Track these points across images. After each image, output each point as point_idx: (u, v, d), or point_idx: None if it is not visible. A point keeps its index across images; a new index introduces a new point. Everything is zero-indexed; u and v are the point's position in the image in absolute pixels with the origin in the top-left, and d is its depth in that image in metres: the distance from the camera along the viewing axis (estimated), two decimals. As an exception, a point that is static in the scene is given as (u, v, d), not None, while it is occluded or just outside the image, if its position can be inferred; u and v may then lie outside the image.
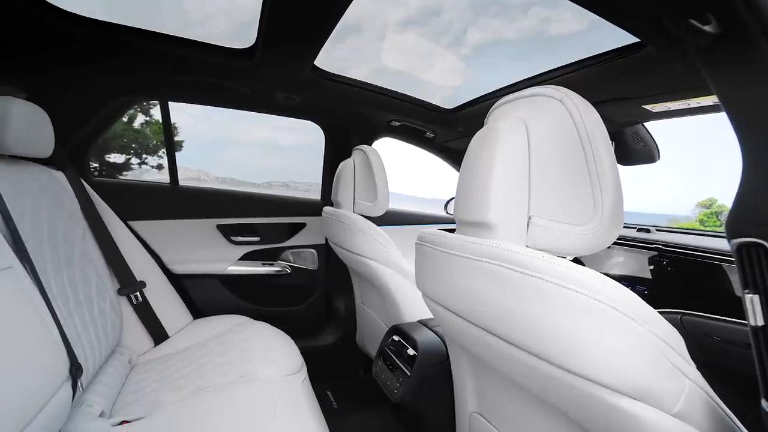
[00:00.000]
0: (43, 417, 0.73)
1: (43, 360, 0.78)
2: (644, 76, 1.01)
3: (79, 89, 1.37)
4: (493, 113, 0.66)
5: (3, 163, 0.95)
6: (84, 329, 1.01)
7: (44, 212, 1.03)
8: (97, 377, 1.05)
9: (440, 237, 0.64)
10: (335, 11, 0.93)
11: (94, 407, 0.95)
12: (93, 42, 1.12)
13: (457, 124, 1.70)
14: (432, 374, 0.99)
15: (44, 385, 0.76)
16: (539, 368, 0.48)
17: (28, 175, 1.03)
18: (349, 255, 1.37)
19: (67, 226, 1.13)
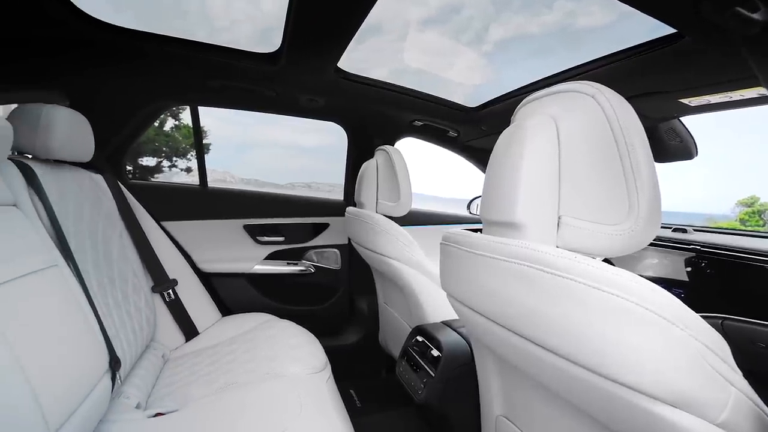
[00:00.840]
0: (85, 407, 0.77)
1: (86, 353, 0.83)
2: (681, 68, 0.96)
3: (116, 96, 1.44)
4: (520, 111, 0.64)
5: (48, 168, 1.01)
6: (122, 325, 1.06)
7: (85, 213, 1.09)
8: (133, 371, 1.10)
9: (466, 237, 0.63)
10: (358, 13, 0.94)
11: (131, 399, 1.00)
12: (129, 51, 1.17)
13: (481, 122, 1.68)
14: (457, 376, 0.98)
15: (87, 377, 0.81)
16: (570, 372, 0.46)
17: (71, 178, 1.10)
18: (372, 255, 1.38)
19: (106, 227, 1.19)
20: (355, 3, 0.90)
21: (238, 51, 1.22)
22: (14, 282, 0.69)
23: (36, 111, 1.00)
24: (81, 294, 0.88)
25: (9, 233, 0.74)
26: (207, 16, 1.57)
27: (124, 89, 1.43)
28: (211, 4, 1.54)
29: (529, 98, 0.62)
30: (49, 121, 0.99)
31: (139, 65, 1.27)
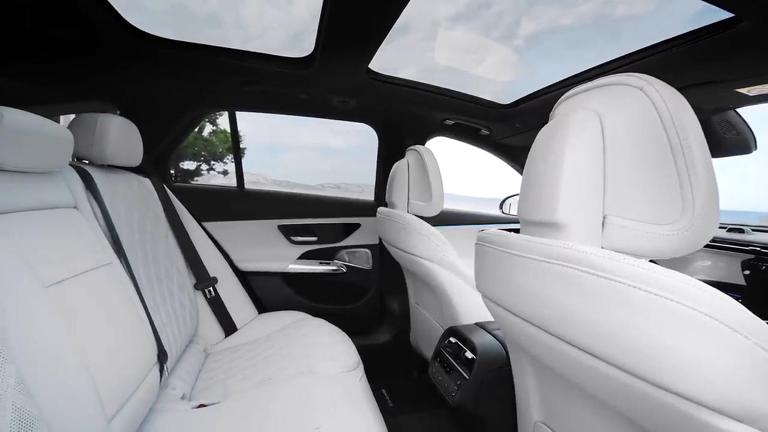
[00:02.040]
0: (137, 396, 0.83)
1: (138, 346, 0.88)
2: (739, 55, 0.89)
3: (161, 104, 1.53)
4: (560, 106, 0.62)
5: (103, 172, 1.08)
6: (168, 320, 1.12)
7: (135, 215, 1.16)
8: (178, 364, 1.17)
9: (503, 237, 0.62)
10: (390, 13, 0.94)
11: (177, 390, 1.05)
12: (172, 60, 1.24)
13: (514, 119, 1.63)
14: (492, 379, 0.96)
15: (139, 368, 0.86)
16: (618, 378, 0.44)
17: (123, 181, 1.17)
18: (403, 255, 1.37)
19: (153, 227, 1.27)
20: (387, 4, 0.90)
21: (273, 56, 1.26)
22: (76, 278, 0.75)
23: (92, 120, 1.08)
24: (133, 290, 0.94)
25: (70, 233, 0.81)
26: (240, 24, 1.62)
27: (168, 97, 1.51)
28: (244, 13, 1.60)
29: (570, 93, 0.60)
30: (103, 129, 1.07)
31: (182, 74, 1.34)
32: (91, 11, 0.92)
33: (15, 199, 0.69)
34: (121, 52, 1.16)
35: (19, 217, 0.69)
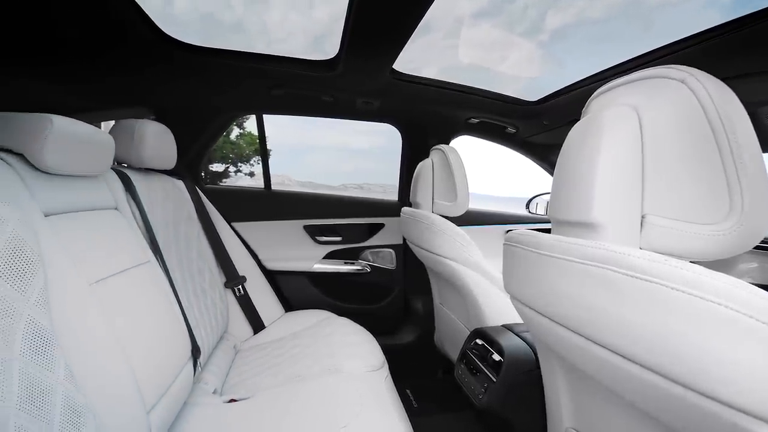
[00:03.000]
0: (174, 389, 0.86)
1: (174, 341, 0.92)
2: None
3: (193, 108, 1.59)
4: (594, 101, 0.60)
5: (141, 175, 1.14)
6: (201, 317, 1.17)
7: (170, 215, 1.22)
8: (210, 359, 1.21)
9: (533, 238, 0.60)
10: (415, 13, 0.94)
11: (209, 385, 1.09)
12: (204, 67, 1.28)
13: (542, 117, 1.59)
14: (520, 382, 0.94)
15: (174, 362, 0.90)
16: (659, 386, 0.42)
17: (158, 184, 1.23)
18: (428, 255, 1.37)
19: (187, 227, 1.32)
20: (412, 4, 0.90)
21: (299, 60, 1.29)
22: (118, 276, 0.79)
23: (130, 126, 1.13)
24: (169, 288, 0.98)
25: (112, 233, 0.85)
26: (265, 30, 1.66)
27: (199, 102, 1.57)
28: (267, 19, 1.64)
29: (604, 88, 0.58)
30: (141, 134, 1.12)
31: (212, 79, 1.38)
32: (129, 22, 0.97)
33: (63, 202, 0.74)
34: (156, 60, 1.21)
35: (66, 218, 0.73)
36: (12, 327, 0.53)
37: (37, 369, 0.55)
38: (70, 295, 0.64)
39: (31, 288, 0.58)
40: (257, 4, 1.57)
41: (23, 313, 0.56)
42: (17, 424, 0.51)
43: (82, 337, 0.64)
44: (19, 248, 0.58)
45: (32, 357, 0.55)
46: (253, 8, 1.58)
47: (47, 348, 0.57)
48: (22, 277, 0.57)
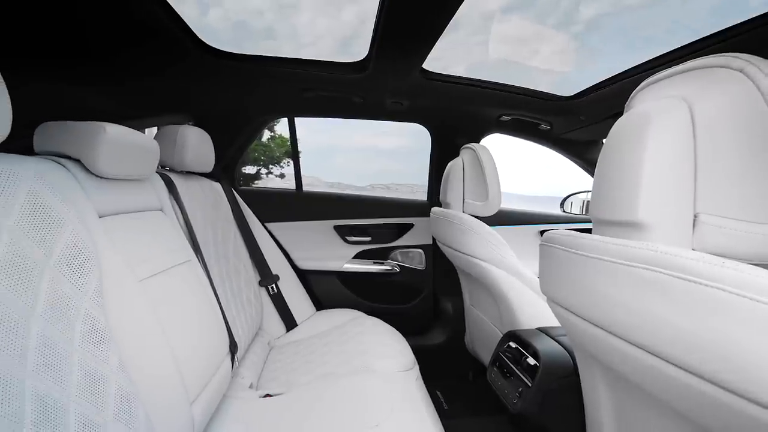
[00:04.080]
0: (214, 382, 0.90)
1: (214, 336, 0.96)
2: None
3: (229, 113, 1.65)
4: (639, 94, 0.57)
5: (182, 178, 1.20)
6: (237, 314, 1.21)
7: (209, 216, 1.27)
8: (246, 355, 1.25)
9: (573, 238, 0.58)
10: (446, 13, 0.93)
11: (246, 380, 1.13)
12: (238, 72, 1.33)
13: (579, 112, 1.52)
14: (557, 388, 0.91)
15: (215, 357, 0.94)
16: (715, 397, 0.39)
17: (198, 186, 1.29)
18: (459, 256, 1.35)
19: (224, 227, 1.37)
20: (442, 4, 0.89)
21: (330, 62, 1.31)
22: (163, 273, 0.84)
23: (173, 132, 1.19)
24: (208, 286, 1.03)
25: (157, 233, 0.90)
26: (294, 35, 1.70)
27: (235, 107, 1.63)
28: (296, 24, 1.68)
29: (651, 80, 0.55)
30: (183, 139, 1.18)
31: (247, 85, 1.43)
32: (172, 33, 1.02)
33: (114, 204, 0.79)
34: (196, 68, 1.27)
35: (117, 219, 0.78)
36: (71, 321, 0.58)
37: (94, 360, 0.59)
38: (121, 292, 0.69)
39: (88, 284, 0.62)
40: (286, 10, 1.61)
41: (81, 307, 0.60)
42: (77, 412, 0.55)
43: (132, 331, 0.69)
44: (78, 247, 0.62)
45: (89, 349, 0.59)
46: (282, 14, 1.62)
47: (102, 341, 0.61)
48: (80, 274, 0.61)
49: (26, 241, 0.54)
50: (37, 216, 0.57)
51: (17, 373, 0.48)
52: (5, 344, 0.48)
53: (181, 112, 1.59)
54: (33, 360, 0.50)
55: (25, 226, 0.54)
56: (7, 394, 0.46)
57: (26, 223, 0.55)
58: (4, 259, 0.50)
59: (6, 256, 0.51)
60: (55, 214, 0.60)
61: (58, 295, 0.57)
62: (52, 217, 0.59)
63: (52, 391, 0.52)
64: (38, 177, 0.59)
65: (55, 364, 0.53)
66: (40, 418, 0.49)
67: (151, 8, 0.91)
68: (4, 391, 0.46)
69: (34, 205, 0.57)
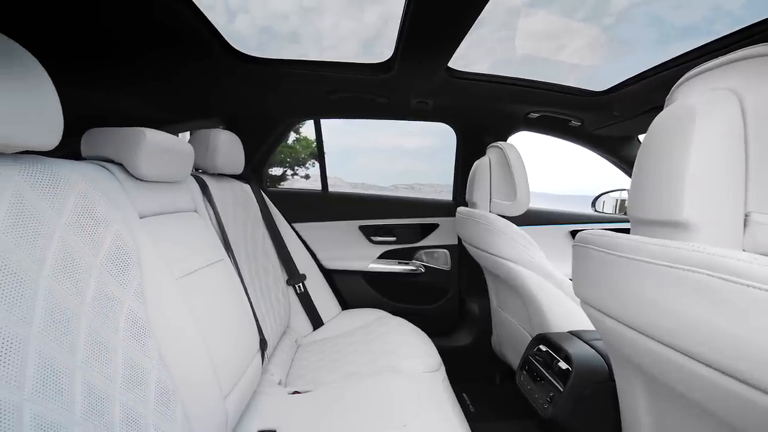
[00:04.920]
0: (245, 379, 0.93)
1: (245, 333, 0.99)
2: None
3: (257, 116, 1.70)
4: (682, 87, 0.54)
5: (214, 180, 1.24)
6: (267, 312, 1.24)
7: (239, 216, 1.31)
8: (275, 352, 1.28)
9: (610, 238, 0.56)
10: (471, 12, 0.91)
11: (275, 376, 1.16)
12: (266, 76, 1.36)
13: (612, 107, 1.46)
14: (590, 394, 0.88)
15: (246, 353, 0.97)
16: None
17: (229, 187, 1.33)
18: (486, 256, 1.33)
19: (253, 228, 1.41)
20: (469, 1, 0.88)
21: (355, 64, 1.32)
22: (198, 272, 0.87)
23: (205, 135, 1.24)
24: (239, 285, 1.06)
25: (192, 233, 0.94)
26: (317, 38, 1.72)
27: (263, 110, 1.68)
28: (319, 26, 1.70)
29: (695, 71, 0.52)
30: (215, 143, 1.22)
31: (274, 88, 1.46)
32: (205, 41, 1.06)
33: (153, 205, 0.83)
34: (225, 73, 1.31)
35: (156, 219, 0.82)
36: (116, 316, 0.61)
37: (137, 354, 0.62)
38: (160, 289, 0.72)
39: (130, 281, 0.66)
40: (310, 13, 1.63)
41: (124, 304, 0.63)
42: (122, 402, 0.58)
43: (170, 326, 0.72)
44: (122, 246, 0.66)
45: (132, 343, 0.62)
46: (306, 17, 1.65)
47: (144, 336, 0.65)
48: (124, 272, 0.65)
49: (76, 240, 0.58)
50: (86, 217, 0.61)
51: (69, 364, 0.51)
52: (59, 336, 0.51)
53: (213, 116, 1.65)
54: (82, 352, 0.54)
55: (75, 226, 0.58)
56: (60, 385, 0.49)
57: (76, 224, 0.58)
58: (57, 256, 0.54)
59: (58, 253, 0.54)
60: (101, 215, 0.63)
61: (104, 291, 0.60)
62: (98, 218, 0.63)
63: (100, 382, 0.55)
64: (86, 180, 0.63)
65: (102, 356, 0.56)
66: (89, 408, 0.52)
67: (185, 17, 0.95)
68: (58, 382, 0.49)
69: (82, 206, 0.60)
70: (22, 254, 0.49)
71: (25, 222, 0.50)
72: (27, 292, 0.48)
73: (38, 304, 0.49)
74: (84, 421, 0.51)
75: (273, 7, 1.57)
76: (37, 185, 0.54)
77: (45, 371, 0.48)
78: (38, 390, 0.46)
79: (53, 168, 0.58)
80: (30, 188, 0.53)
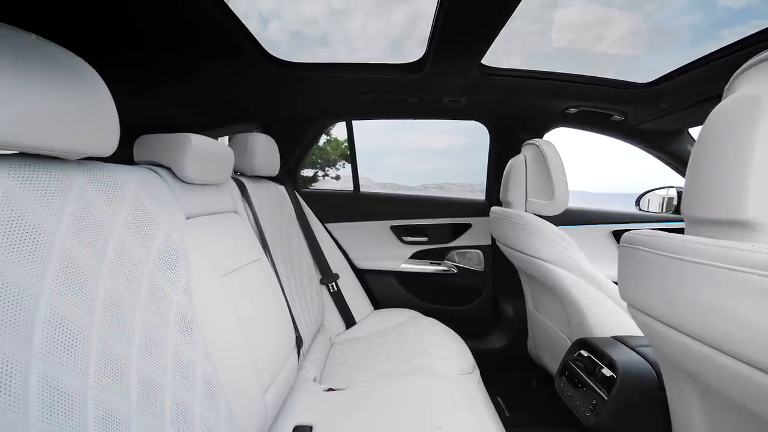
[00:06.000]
0: (283, 374, 0.96)
1: (283, 330, 1.02)
2: None
3: (292, 119, 1.74)
4: (743, 75, 0.50)
5: (252, 182, 1.28)
6: (302, 310, 1.27)
7: (275, 217, 1.35)
8: (310, 350, 1.31)
9: (662, 239, 0.53)
10: (507, 7, 0.89)
11: (310, 373, 1.18)
12: (300, 80, 1.39)
13: (659, 100, 1.38)
14: (638, 403, 0.83)
15: (283, 350, 1.00)
16: None
17: (266, 189, 1.37)
18: (523, 257, 1.29)
19: (288, 228, 1.45)
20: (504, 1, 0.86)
21: (387, 65, 1.32)
22: (238, 270, 0.91)
23: (244, 139, 1.29)
24: (276, 283, 1.09)
25: (233, 233, 0.98)
26: (346, 40, 1.74)
27: (297, 113, 1.72)
28: (348, 29, 1.71)
29: (758, 58, 0.48)
30: (253, 146, 1.27)
31: (308, 91, 1.50)
32: (245, 48, 1.10)
33: (198, 206, 0.87)
34: (262, 78, 1.35)
35: (200, 220, 0.86)
36: (166, 311, 0.65)
37: (185, 347, 0.66)
38: (206, 286, 0.76)
39: (179, 279, 0.69)
40: (339, 16, 1.65)
41: (173, 300, 0.67)
42: (172, 393, 0.61)
43: (214, 323, 0.75)
44: (171, 245, 0.70)
45: (180, 337, 0.66)
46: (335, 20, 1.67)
47: (190, 330, 0.68)
48: (172, 270, 0.69)
49: (131, 240, 0.62)
50: (139, 218, 0.65)
51: (126, 355, 0.55)
52: (117, 329, 0.55)
53: (250, 120, 1.71)
54: (137, 344, 0.57)
55: (130, 226, 0.62)
56: (119, 375, 0.53)
57: (131, 224, 0.63)
58: (114, 254, 0.58)
59: (116, 252, 0.58)
60: (153, 216, 0.68)
61: (155, 288, 0.64)
62: (150, 219, 0.67)
63: (153, 373, 0.59)
64: (139, 183, 0.67)
65: (154, 349, 0.60)
66: (144, 397, 0.56)
67: (227, 27, 0.99)
68: (117, 372, 0.53)
69: (137, 208, 0.65)
70: (86, 252, 0.53)
71: (88, 223, 0.55)
72: (90, 287, 0.52)
73: (99, 299, 0.53)
74: (139, 409, 0.54)
75: (303, 11, 1.61)
76: (98, 188, 0.58)
77: (106, 361, 0.52)
78: (100, 378, 0.50)
79: (111, 172, 0.62)
80: (92, 191, 0.57)
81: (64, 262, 0.50)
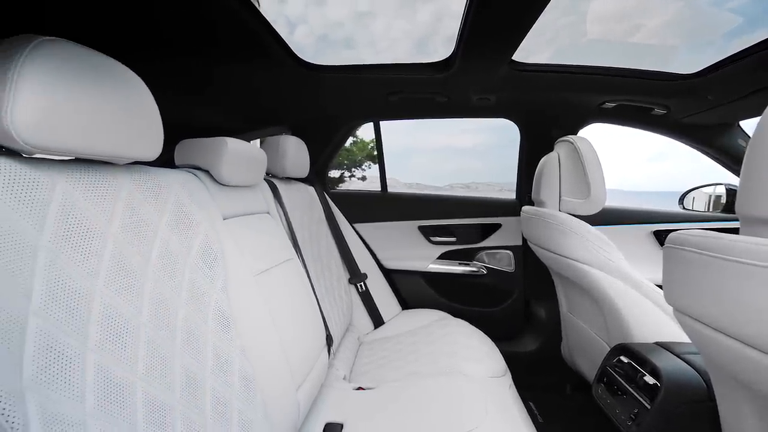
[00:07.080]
0: (314, 372, 0.97)
1: (314, 329, 1.04)
2: None
3: (321, 121, 1.77)
4: None
5: (284, 183, 1.32)
6: (331, 309, 1.29)
7: (305, 218, 1.38)
8: (339, 348, 1.33)
9: (713, 240, 0.50)
10: (540, 2, 0.86)
11: (340, 371, 1.20)
12: (328, 82, 1.41)
13: (706, 91, 1.29)
14: (684, 413, 0.79)
15: (315, 348, 1.02)
16: None
17: (296, 190, 1.40)
18: (556, 258, 1.25)
19: (318, 228, 1.48)
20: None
21: (415, 64, 1.31)
22: (272, 270, 0.93)
23: (275, 141, 1.32)
24: (307, 282, 1.12)
25: (266, 233, 1.01)
26: (371, 41, 1.75)
27: (326, 115, 1.75)
28: (373, 30, 1.71)
29: None
30: (284, 148, 1.30)
31: (336, 93, 1.52)
32: (274, 51, 1.13)
33: (234, 208, 0.90)
34: (292, 82, 1.39)
35: (236, 221, 0.89)
36: (206, 309, 0.68)
37: (223, 343, 0.68)
38: (241, 285, 0.78)
39: (217, 277, 0.72)
40: (364, 18, 1.66)
41: (212, 298, 0.70)
42: (212, 386, 0.64)
43: (250, 320, 0.78)
44: (209, 245, 0.73)
45: (219, 333, 0.68)
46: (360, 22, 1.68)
47: (228, 327, 0.71)
48: (211, 268, 0.72)
49: (173, 240, 0.65)
50: (181, 219, 0.68)
51: (170, 349, 0.58)
52: (162, 324, 0.58)
53: (280, 122, 1.75)
54: (180, 340, 0.60)
55: (173, 227, 0.66)
56: (164, 368, 0.56)
57: (174, 225, 0.66)
58: (159, 253, 0.61)
59: (160, 251, 0.61)
60: (193, 217, 0.71)
61: (196, 286, 0.67)
62: (191, 220, 0.70)
63: (194, 367, 0.61)
64: (181, 186, 0.71)
65: (195, 345, 0.63)
66: (186, 390, 0.59)
67: (260, 33, 1.02)
68: (163, 365, 0.56)
69: (179, 209, 0.68)
70: (134, 252, 0.56)
71: (136, 224, 0.58)
72: (138, 285, 0.56)
73: (146, 296, 0.56)
74: (182, 400, 0.57)
75: (329, 15, 1.63)
76: (144, 191, 0.62)
77: (152, 355, 0.55)
78: (148, 371, 0.53)
79: (156, 176, 0.66)
80: (139, 194, 0.60)
81: (115, 261, 0.53)
